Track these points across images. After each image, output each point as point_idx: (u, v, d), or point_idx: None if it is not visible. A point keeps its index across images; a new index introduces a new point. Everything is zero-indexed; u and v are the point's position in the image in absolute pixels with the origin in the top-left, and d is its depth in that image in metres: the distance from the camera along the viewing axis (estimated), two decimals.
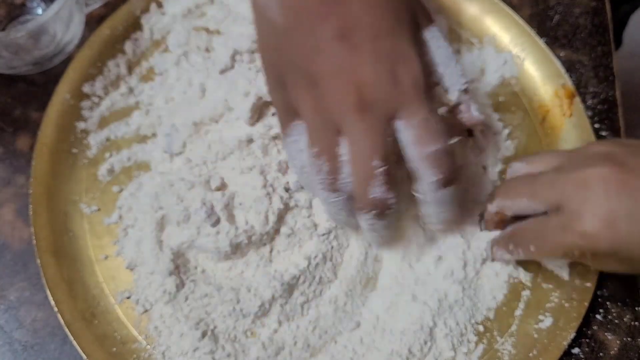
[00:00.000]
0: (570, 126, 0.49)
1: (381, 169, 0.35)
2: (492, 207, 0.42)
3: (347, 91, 0.34)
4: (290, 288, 0.41)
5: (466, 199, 0.44)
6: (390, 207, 0.36)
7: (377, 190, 0.35)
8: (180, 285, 0.42)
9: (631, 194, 0.36)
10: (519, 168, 0.43)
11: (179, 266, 0.42)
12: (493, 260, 0.43)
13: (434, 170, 0.36)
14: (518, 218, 0.42)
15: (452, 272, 0.42)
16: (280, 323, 0.41)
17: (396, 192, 0.36)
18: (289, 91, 0.37)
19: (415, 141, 0.35)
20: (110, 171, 0.47)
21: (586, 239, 0.36)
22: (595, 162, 0.37)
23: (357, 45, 0.35)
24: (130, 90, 0.50)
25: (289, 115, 0.38)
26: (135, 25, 0.52)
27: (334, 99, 0.35)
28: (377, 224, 0.38)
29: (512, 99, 0.51)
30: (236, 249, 0.42)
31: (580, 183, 0.37)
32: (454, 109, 0.41)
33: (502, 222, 0.43)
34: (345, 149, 0.36)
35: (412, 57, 0.36)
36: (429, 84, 0.37)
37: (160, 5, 0.52)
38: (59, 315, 0.41)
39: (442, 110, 0.42)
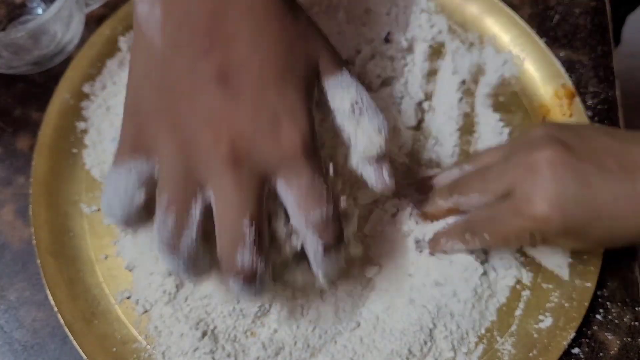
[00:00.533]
0: None
1: (251, 229, 0.31)
2: (445, 203, 0.42)
3: (219, 141, 0.31)
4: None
5: None
6: (259, 275, 0.32)
7: (246, 256, 0.31)
8: (180, 285, 0.42)
9: (577, 176, 0.36)
10: (465, 168, 0.44)
11: None
12: (433, 252, 0.43)
13: (319, 236, 0.33)
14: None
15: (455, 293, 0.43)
16: (280, 323, 0.41)
17: (266, 255, 0.32)
18: (147, 126, 0.33)
19: (297, 205, 0.32)
20: None
21: (537, 222, 0.37)
22: (540, 145, 0.38)
23: (237, 93, 0.31)
24: None
25: (133, 149, 0.33)
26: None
27: (202, 148, 0.31)
28: (246, 290, 0.33)
29: (512, 99, 0.51)
30: None
31: (528, 167, 0.37)
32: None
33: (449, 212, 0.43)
34: (199, 210, 0.32)
35: (298, 111, 0.32)
36: (316, 140, 0.33)
37: None
38: (59, 315, 0.41)
39: None
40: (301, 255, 0.36)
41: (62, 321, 0.41)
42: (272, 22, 0.33)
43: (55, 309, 0.41)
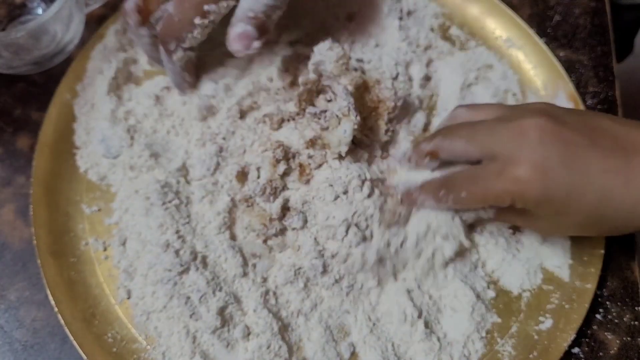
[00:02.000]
0: None
1: None
2: (427, 146, 0.42)
3: None
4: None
5: None
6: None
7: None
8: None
9: (564, 143, 0.36)
10: (460, 113, 0.43)
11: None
12: (411, 204, 0.42)
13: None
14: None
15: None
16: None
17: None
18: None
19: None
20: None
21: (519, 184, 0.36)
22: (532, 114, 0.38)
23: None
24: None
25: None
26: None
27: None
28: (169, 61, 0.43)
29: (512, 99, 0.51)
30: None
31: (517, 131, 0.38)
32: None
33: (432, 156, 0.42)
34: None
35: None
36: None
37: None
38: (59, 315, 0.41)
39: None
40: None
41: (62, 321, 0.41)
42: None
43: (56, 309, 0.41)
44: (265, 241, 0.43)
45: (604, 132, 0.37)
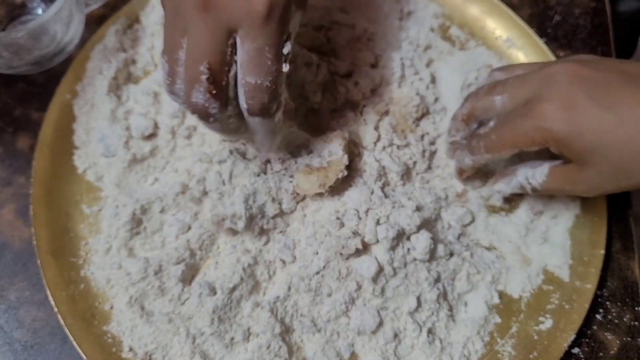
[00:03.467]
0: None
1: (205, 75, 0.34)
2: (463, 109, 0.43)
3: None
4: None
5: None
6: (212, 115, 0.36)
7: (199, 96, 0.35)
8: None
9: (595, 83, 0.37)
10: (496, 75, 0.44)
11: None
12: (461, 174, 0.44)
13: (245, 98, 0.36)
14: None
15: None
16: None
17: (223, 100, 0.36)
18: None
19: (241, 65, 0.35)
20: None
21: (546, 120, 0.37)
22: (563, 61, 0.40)
23: None
24: None
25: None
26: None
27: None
28: (208, 125, 0.38)
29: None
30: None
31: (546, 76, 0.39)
32: None
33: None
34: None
35: None
36: (287, 16, 0.35)
37: None
38: (59, 316, 0.41)
39: None
40: None
41: (62, 321, 0.41)
42: None
43: (55, 309, 0.41)
44: None
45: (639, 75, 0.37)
